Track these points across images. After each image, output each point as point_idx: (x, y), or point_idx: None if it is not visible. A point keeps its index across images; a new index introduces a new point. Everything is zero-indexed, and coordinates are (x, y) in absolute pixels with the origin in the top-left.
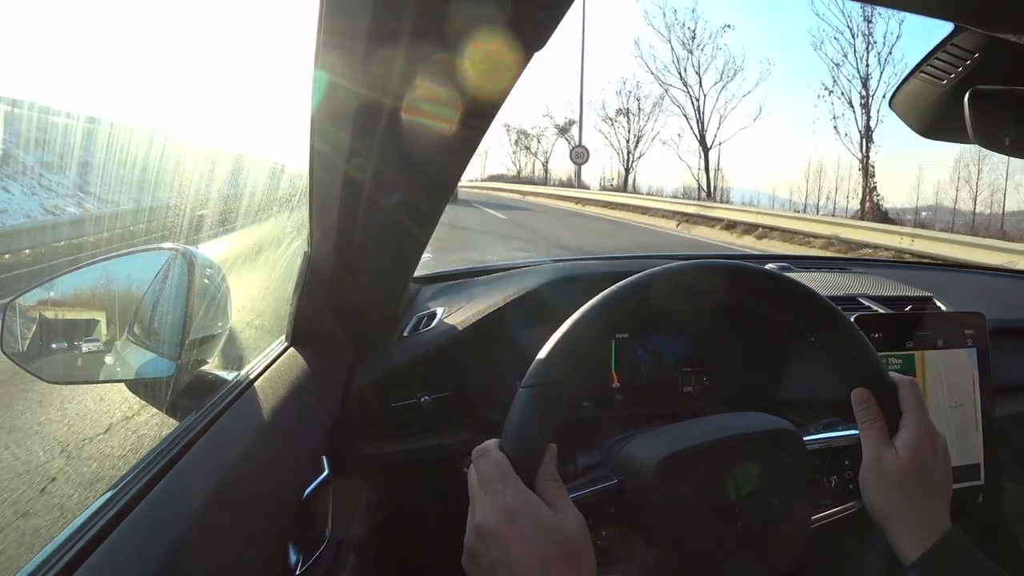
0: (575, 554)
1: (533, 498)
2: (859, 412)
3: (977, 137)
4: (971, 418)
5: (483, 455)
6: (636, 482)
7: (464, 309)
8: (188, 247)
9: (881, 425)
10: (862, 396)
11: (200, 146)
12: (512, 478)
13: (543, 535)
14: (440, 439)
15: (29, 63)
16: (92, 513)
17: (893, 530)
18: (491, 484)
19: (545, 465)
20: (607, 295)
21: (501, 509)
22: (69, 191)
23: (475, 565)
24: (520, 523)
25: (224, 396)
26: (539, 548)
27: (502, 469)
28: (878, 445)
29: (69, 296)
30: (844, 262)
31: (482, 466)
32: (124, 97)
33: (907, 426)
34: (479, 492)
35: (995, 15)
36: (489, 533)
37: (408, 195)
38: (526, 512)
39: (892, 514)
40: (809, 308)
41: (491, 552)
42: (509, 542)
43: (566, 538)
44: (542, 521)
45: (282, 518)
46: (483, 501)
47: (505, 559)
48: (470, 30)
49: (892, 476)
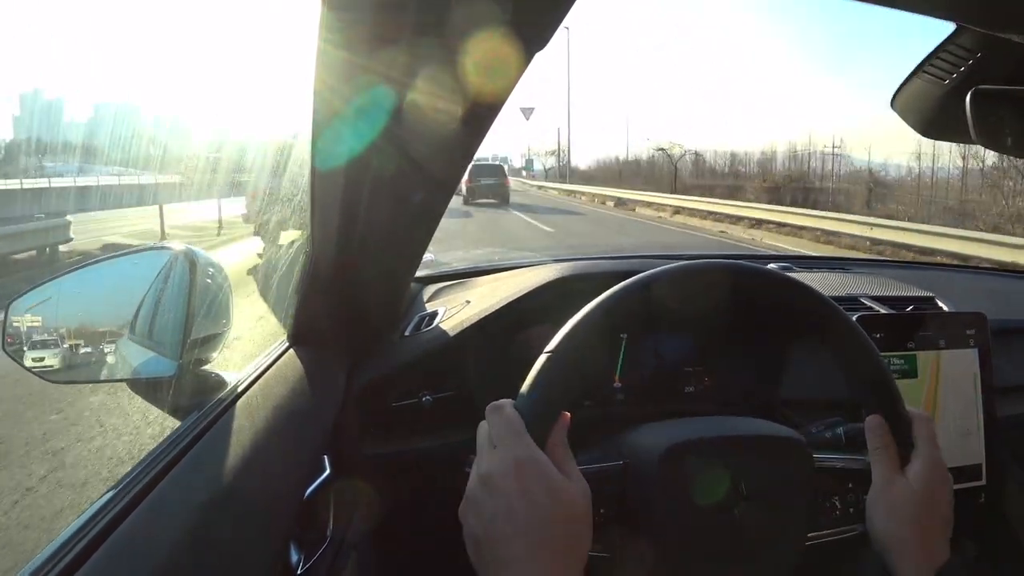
0: (576, 519)
1: (543, 457)
2: (872, 438)
3: (979, 137)
4: (972, 418)
5: (497, 410)
6: (640, 466)
7: (465, 309)
8: (190, 247)
9: (893, 453)
10: (876, 423)
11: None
12: (523, 435)
13: (549, 495)
14: (441, 439)
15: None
16: (93, 513)
17: (893, 558)
18: (502, 438)
19: (557, 431)
20: (618, 290)
21: (510, 462)
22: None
23: (474, 515)
24: (528, 479)
25: (225, 396)
26: (543, 506)
27: (515, 425)
28: (889, 472)
29: (70, 295)
30: (845, 262)
31: (495, 421)
32: (123, 97)
33: (920, 459)
34: (487, 444)
35: (997, 15)
36: (495, 484)
37: (410, 195)
38: (535, 469)
39: (895, 542)
40: (825, 321)
41: (494, 503)
42: (514, 495)
43: (571, 501)
44: (550, 481)
45: (283, 518)
46: (492, 453)
47: (507, 512)
48: (472, 30)
49: (900, 505)
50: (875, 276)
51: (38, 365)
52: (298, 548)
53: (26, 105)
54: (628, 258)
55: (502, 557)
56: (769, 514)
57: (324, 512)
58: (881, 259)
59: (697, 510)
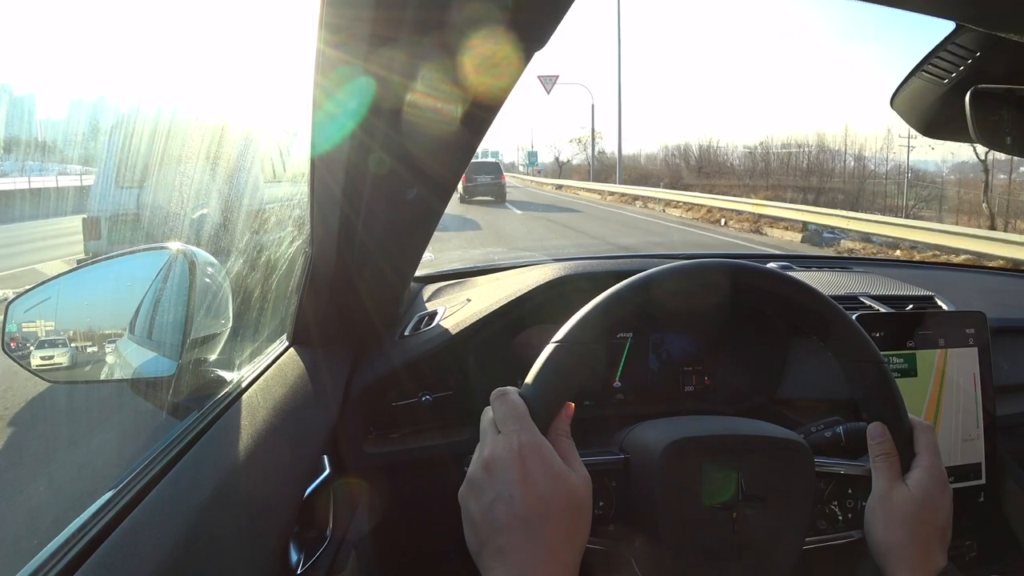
0: (577, 508)
1: (546, 444)
2: (874, 446)
3: (978, 136)
4: (972, 417)
5: (501, 397)
6: (642, 462)
7: (465, 308)
8: (189, 246)
9: (895, 461)
10: (879, 431)
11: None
12: (528, 421)
13: (551, 482)
14: (441, 438)
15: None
16: (93, 513)
17: (891, 565)
18: (506, 423)
19: (560, 420)
20: (616, 290)
21: (514, 447)
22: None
23: (474, 499)
24: (530, 464)
25: (225, 395)
26: (544, 492)
27: (519, 412)
28: (890, 480)
29: (70, 296)
30: (845, 261)
31: (499, 407)
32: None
33: (921, 467)
34: (491, 429)
35: (996, 14)
36: (497, 468)
37: (409, 194)
38: (538, 455)
39: (893, 549)
40: (825, 319)
41: (495, 487)
42: (516, 481)
43: (572, 490)
44: (552, 468)
45: (283, 517)
46: (495, 437)
47: (508, 497)
48: (471, 30)
49: (900, 512)
50: (875, 275)
51: (38, 365)
52: (298, 547)
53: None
54: (628, 258)
55: (498, 544)
56: (768, 515)
57: (324, 511)
58: (881, 258)
59: (697, 507)
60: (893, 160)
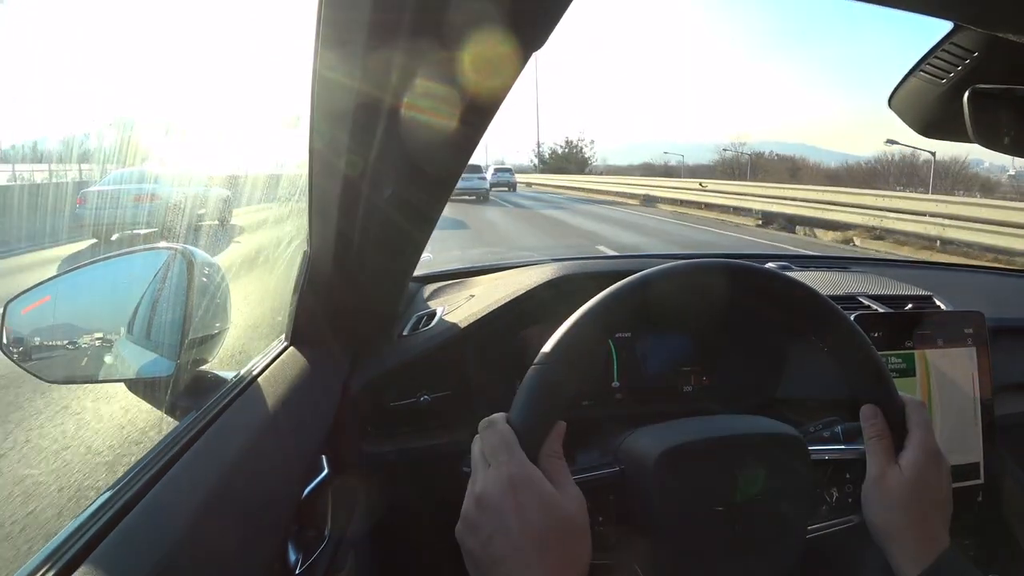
0: (573, 532)
1: (536, 472)
2: (867, 428)
3: (977, 136)
4: (971, 417)
5: (489, 427)
6: (637, 472)
7: (463, 308)
8: (187, 246)
9: (888, 442)
10: (870, 412)
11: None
12: (517, 451)
13: (544, 510)
14: (439, 438)
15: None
16: (92, 513)
17: (892, 547)
18: (495, 455)
19: (550, 441)
20: (614, 290)
21: (504, 480)
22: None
23: (472, 535)
24: (522, 496)
25: (223, 396)
26: (539, 522)
27: (507, 441)
28: (883, 461)
29: (68, 296)
30: (844, 261)
31: (487, 437)
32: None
33: (913, 445)
34: (482, 462)
35: (994, 14)
36: (490, 504)
37: (407, 194)
38: (529, 485)
39: (892, 531)
40: (823, 318)
41: (490, 522)
42: (510, 514)
43: (566, 516)
44: (544, 496)
45: (281, 517)
46: (486, 471)
47: (504, 531)
48: (469, 29)
49: (895, 493)
50: (873, 275)
51: (36, 365)
52: (296, 547)
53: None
54: (628, 257)
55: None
56: (768, 512)
57: (322, 511)
58: (880, 258)
59: (695, 513)
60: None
